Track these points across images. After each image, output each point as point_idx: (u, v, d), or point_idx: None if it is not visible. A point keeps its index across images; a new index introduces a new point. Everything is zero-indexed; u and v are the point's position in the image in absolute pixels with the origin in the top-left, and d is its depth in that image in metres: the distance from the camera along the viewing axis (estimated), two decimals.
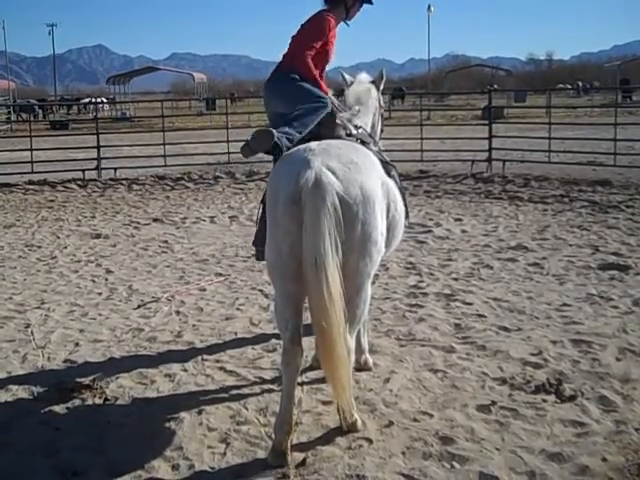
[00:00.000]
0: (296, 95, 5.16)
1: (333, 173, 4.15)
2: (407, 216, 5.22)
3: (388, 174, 4.84)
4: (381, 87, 5.94)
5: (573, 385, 5.20)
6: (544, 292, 7.54)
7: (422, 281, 8.10)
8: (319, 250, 3.96)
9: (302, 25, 5.47)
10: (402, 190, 5.09)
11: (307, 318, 4.46)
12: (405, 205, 5.06)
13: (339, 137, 4.91)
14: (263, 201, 4.92)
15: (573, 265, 8.57)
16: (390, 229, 4.66)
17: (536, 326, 6.52)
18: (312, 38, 5.33)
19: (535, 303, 7.19)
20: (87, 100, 56.31)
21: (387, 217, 4.58)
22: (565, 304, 7.11)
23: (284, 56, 5.41)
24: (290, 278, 4.24)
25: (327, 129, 5.00)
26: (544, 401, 4.98)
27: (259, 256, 5.25)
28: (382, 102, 6.02)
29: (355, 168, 4.29)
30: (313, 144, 4.49)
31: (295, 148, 4.57)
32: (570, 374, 5.40)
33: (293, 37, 5.46)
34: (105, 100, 44.59)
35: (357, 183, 4.22)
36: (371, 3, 5.68)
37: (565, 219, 11.45)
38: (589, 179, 14.76)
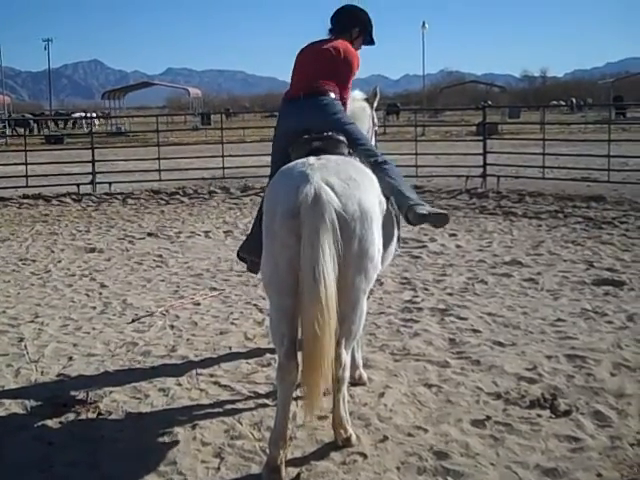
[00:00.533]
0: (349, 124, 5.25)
1: (332, 189, 4.14)
2: (399, 240, 5.29)
3: (386, 196, 4.86)
4: (375, 104, 5.98)
5: (568, 400, 5.19)
6: (539, 307, 7.55)
7: (417, 296, 8.10)
8: (318, 262, 3.94)
9: (335, 49, 5.41)
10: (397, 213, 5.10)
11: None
12: (398, 227, 5.09)
13: (341, 154, 4.89)
14: (260, 212, 4.92)
15: (567, 280, 8.58)
16: (384, 248, 4.66)
17: (531, 341, 6.52)
18: (352, 73, 5.47)
19: (530, 318, 7.19)
20: (78, 115, 56.31)
21: (383, 235, 4.59)
22: (560, 319, 7.12)
23: (317, 79, 5.33)
24: (287, 292, 4.22)
25: (331, 146, 4.97)
26: (539, 416, 4.97)
27: (252, 267, 5.27)
28: (376, 120, 6.05)
29: (354, 184, 4.29)
30: (312, 159, 4.48)
31: (294, 162, 4.56)
32: (565, 389, 5.40)
33: (321, 59, 5.39)
34: (95, 115, 44.60)
35: (355, 199, 4.22)
36: (373, 44, 5.77)
37: (559, 235, 11.47)
38: (583, 195, 14.79)
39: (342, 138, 5.02)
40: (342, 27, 5.59)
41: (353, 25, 5.61)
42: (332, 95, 5.28)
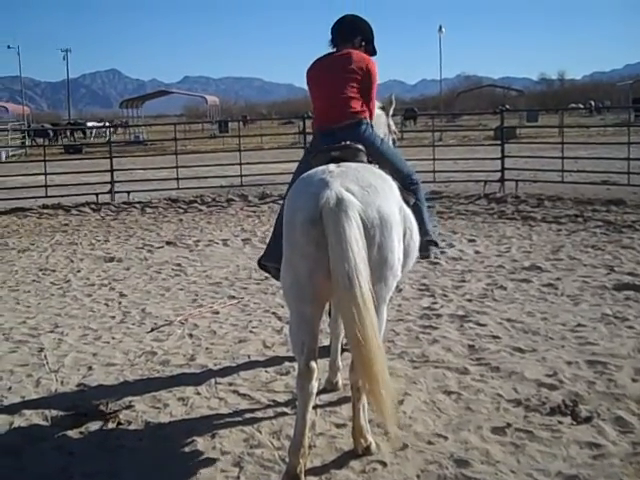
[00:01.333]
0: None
1: (352, 195, 4.14)
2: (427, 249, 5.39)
3: (407, 203, 4.86)
4: (390, 112, 5.99)
5: (589, 406, 5.15)
6: (559, 313, 7.49)
7: (435, 302, 8.07)
8: (350, 261, 3.90)
9: (352, 61, 5.42)
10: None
11: (320, 341, 4.45)
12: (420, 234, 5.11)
13: (361, 162, 4.89)
14: (279, 218, 4.93)
15: (588, 285, 8.51)
16: (404, 256, 4.64)
17: (551, 347, 6.47)
18: (375, 84, 5.55)
19: (550, 324, 7.14)
20: (91, 125, 56.76)
21: (403, 242, 4.57)
22: (580, 325, 7.06)
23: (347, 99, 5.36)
24: (308, 301, 4.22)
25: (350, 155, 4.97)
26: (560, 423, 4.93)
27: (277, 275, 5.26)
28: (393, 127, 6.06)
29: (373, 191, 4.28)
30: (332, 166, 4.48)
31: (313, 170, 4.55)
32: (586, 395, 5.35)
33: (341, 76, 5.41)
34: (108, 124, 45.01)
35: (375, 206, 4.20)
36: (375, 54, 5.79)
37: (579, 239, 11.40)
38: (603, 198, 14.71)
39: (361, 147, 5.03)
40: (344, 37, 5.63)
41: (355, 35, 5.65)
42: (365, 120, 5.32)
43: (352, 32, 5.66)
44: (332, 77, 5.41)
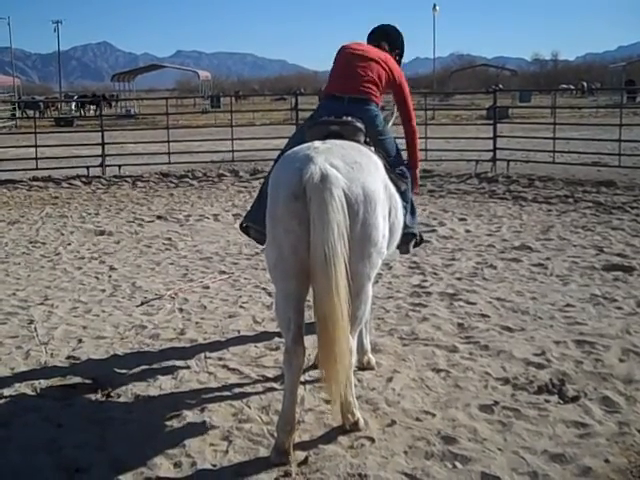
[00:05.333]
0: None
1: (336, 171, 4.13)
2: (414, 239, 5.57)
3: (398, 187, 4.88)
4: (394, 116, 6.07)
5: (576, 386, 5.19)
6: (548, 292, 7.53)
7: (426, 280, 8.09)
8: (328, 242, 3.92)
9: (387, 65, 5.49)
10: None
11: (309, 317, 4.46)
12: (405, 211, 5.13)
13: (357, 142, 4.86)
14: (264, 185, 4.94)
15: (577, 266, 8.55)
16: (389, 234, 4.64)
17: (539, 326, 6.51)
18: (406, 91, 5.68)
19: (539, 303, 7.18)
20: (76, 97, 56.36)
21: (388, 221, 4.57)
22: (569, 305, 7.10)
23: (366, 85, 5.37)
24: (292, 276, 4.22)
25: (348, 132, 4.95)
26: (547, 401, 4.97)
27: (256, 236, 5.30)
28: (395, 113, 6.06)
29: (358, 168, 4.28)
30: (317, 143, 4.47)
31: (298, 146, 4.54)
32: (573, 375, 5.39)
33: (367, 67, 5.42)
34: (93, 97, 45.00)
35: (359, 182, 4.19)
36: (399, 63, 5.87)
37: (569, 220, 11.43)
38: (594, 180, 14.72)
39: (360, 125, 5.00)
40: (372, 40, 5.80)
41: (381, 39, 5.79)
42: (375, 103, 5.37)
43: (395, 44, 5.85)
44: (360, 57, 5.43)
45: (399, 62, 5.84)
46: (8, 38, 76.75)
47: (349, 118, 5.00)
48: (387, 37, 5.83)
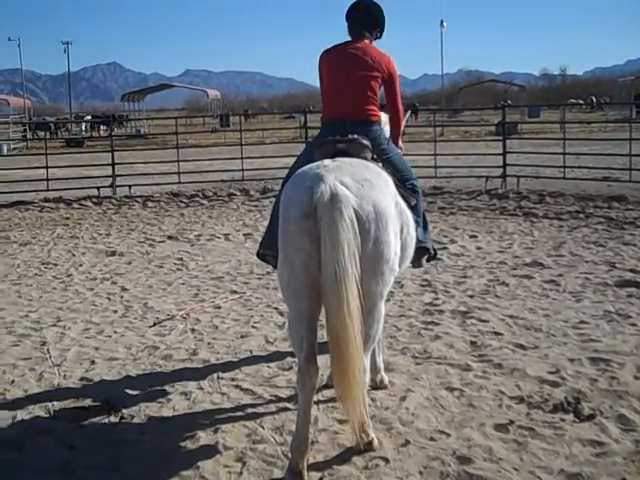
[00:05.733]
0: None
1: (347, 189, 4.14)
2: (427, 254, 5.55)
3: (407, 203, 4.87)
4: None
5: (591, 404, 5.15)
6: (561, 309, 7.49)
7: (437, 298, 8.07)
8: (339, 262, 3.93)
9: (375, 62, 5.33)
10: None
11: (322, 336, 4.45)
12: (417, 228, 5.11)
13: (364, 159, 4.86)
14: (275, 208, 4.92)
15: (590, 282, 8.51)
16: (401, 251, 4.64)
17: (553, 344, 6.47)
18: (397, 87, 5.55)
19: (552, 320, 7.14)
20: (89, 118, 56.73)
21: (400, 237, 4.57)
22: (582, 321, 7.06)
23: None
24: (304, 295, 4.22)
25: (355, 149, 4.95)
26: (562, 420, 4.93)
27: (275, 263, 5.26)
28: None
29: (368, 185, 4.28)
30: (327, 161, 4.49)
31: (308, 165, 4.55)
32: (588, 393, 5.35)
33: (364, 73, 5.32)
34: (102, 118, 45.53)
35: (370, 200, 4.20)
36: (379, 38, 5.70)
37: (581, 235, 11.40)
38: (604, 195, 14.68)
39: (367, 142, 5.00)
40: (368, 25, 5.48)
41: (377, 25, 5.55)
42: (379, 122, 5.34)
43: (376, 22, 5.53)
44: (350, 69, 5.28)
45: (380, 37, 5.63)
46: (19, 60, 77.42)
47: (355, 136, 5.01)
48: (381, 23, 5.57)
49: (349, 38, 5.52)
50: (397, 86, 5.49)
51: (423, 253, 5.48)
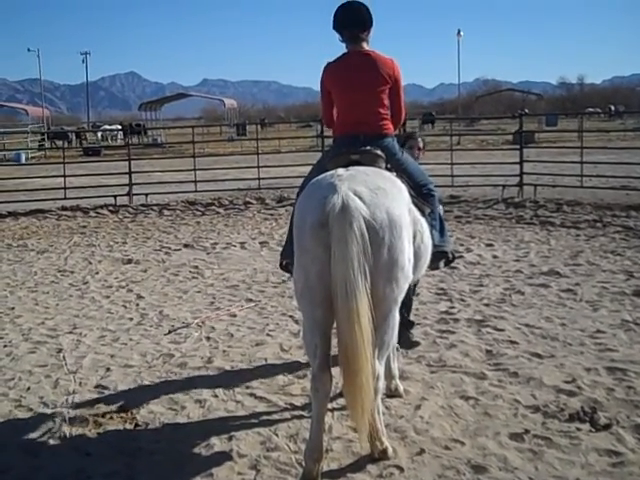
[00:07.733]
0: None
1: (360, 198, 4.15)
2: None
3: (421, 211, 4.87)
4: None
5: (608, 413, 5.11)
6: (577, 318, 7.45)
7: (453, 307, 8.04)
8: (348, 277, 3.95)
9: (378, 68, 5.24)
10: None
11: (336, 344, 4.44)
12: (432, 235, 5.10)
13: (378, 167, 4.87)
14: (292, 221, 4.92)
15: (607, 291, 8.45)
16: (415, 259, 4.63)
17: (569, 353, 6.43)
18: (401, 90, 5.49)
19: (568, 329, 7.10)
20: (104, 127, 57.18)
21: (414, 244, 4.57)
22: (599, 331, 7.01)
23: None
24: (319, 304, 4.22)
25: (368, 160, 4.95)
26: (578, 430, 4.90)
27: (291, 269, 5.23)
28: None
29: (382, 193, 4.29)
30: (341, 170, 4.51)
31: (323, 174, 4.57)
32: (605, 402, 5.31)
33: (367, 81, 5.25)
34: (120, 127, 45.95)
35: (384, 208, 4.21)
36: None
37: (598, 244, 11.33)
38: (622, 204, 14.58)
39: (380, 153, 5.01)
40: (363, 26, 5.28)
41: (370, 26, 5.33)
42: (392, 135, 5.34)
43: (369, 22, 5.31)
44: (359, 85, 5.22)
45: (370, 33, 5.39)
46: (38, 70, 78.03)
47: (368, 147, 5.02)
48: (361, 27, 5.27)
49: (344, 47, 5.38)
50: (401, 89, 5.45)
51: (440, 257, 5.46)
